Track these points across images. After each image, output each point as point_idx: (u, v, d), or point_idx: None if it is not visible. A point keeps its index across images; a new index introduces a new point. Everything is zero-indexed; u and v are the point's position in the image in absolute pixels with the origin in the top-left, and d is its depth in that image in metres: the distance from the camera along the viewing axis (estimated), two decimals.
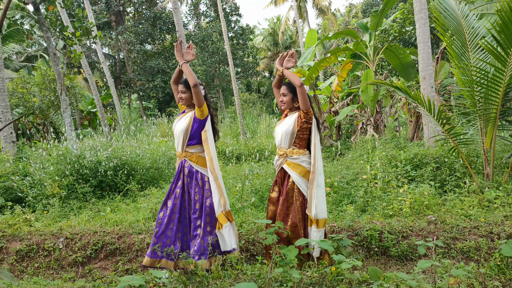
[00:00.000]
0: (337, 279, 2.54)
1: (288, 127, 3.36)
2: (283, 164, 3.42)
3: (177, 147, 3.50)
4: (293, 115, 3.44)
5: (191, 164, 3.44)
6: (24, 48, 22.82)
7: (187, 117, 3.45)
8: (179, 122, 3.49)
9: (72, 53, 8.66)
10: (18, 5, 13.20)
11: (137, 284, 2.21)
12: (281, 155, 3.43)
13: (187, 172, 3.45)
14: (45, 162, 6.45)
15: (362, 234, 3.91)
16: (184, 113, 3.57)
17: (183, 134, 3.41)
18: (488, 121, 4.93)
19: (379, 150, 6.26)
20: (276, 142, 3.52)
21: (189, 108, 3.55)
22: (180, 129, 3.43)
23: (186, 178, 3.45)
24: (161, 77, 22.78)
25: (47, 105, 12.91)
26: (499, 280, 2.76)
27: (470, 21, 5.25)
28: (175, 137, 3.52)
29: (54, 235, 4.15)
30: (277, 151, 3.50)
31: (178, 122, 3.52)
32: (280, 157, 3.45)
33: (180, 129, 3.42)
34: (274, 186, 3.57)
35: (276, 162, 3.50)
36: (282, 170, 3.45)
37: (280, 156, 3.44)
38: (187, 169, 3.45)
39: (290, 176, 3.37)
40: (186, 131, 3.40)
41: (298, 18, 24.63)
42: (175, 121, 3.56)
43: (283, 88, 3.49)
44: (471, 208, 4.39)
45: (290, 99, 3.45)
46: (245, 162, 8.59)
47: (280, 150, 3.44)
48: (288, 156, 3.39)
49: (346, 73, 10.59)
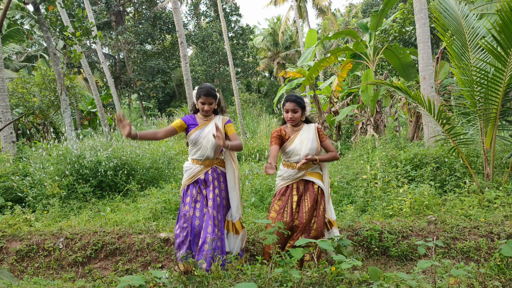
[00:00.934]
0: (337, 279, 2.54)
1: (312, 144, 3.39)
2: (305, 176, 3.44)
3: (206, 156, 3.40)
4: (308, 129, 3.46)
5: (221, 169, 3.48)
6: (24, 48, 22.82)
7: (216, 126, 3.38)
8: (209, 130, 3.38)
9: (72, 53, 8.66)
10: (18, 5, 13.20)
11: (137, 284, 2.21)
12: (303, 169, 3.43)
13: (215, 177, 3.45)
14: (45, 162, 6.45)
15: (362, 234, 3.91)
16: (207, 121, 3.46)
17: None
18: (488, 121, 4.93)
19: (379, 150, 6.26)
20: (295, 157, 3.41)
21: (210, 117, 3.50)
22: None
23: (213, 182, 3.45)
24: (161, 77, 22.79)
25: (47, 105, 12.91)
26: (499, 280, 2.76)
27: (470, 21, 5.25)
28: (203, 146, 3.37)
29: (54, 235, 4.15)
30: (293, 165, 3.43)
31: (205, 132, 3.38)
32: (300, 171, 3.43)
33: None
34: (280, 198, 3.46)
35: (296, 175, 3.43)
36: (302, 181, 3.46)
37: (302, 169, 3.43)
38: (215, 174, 3.45)
39: (314, 184, 3.44)
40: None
41: (298, 18, 24.62)
42: (200, 130, 3.40)
43: (291, 105, 3.39)
44: (471, 208, 4.39)
45: (299, 116, 3.43)
46: (245, 162, 8.59)
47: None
48: (309, 168, 3.45)
49: (346, 73, 10.59)
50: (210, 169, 3.42)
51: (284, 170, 3.48)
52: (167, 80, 23.44)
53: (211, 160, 3.42)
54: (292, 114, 3.40)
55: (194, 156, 3.44)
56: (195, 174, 3.42)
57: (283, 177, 3.48)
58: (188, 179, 3.44)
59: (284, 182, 3.47)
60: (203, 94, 3.35)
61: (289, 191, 3.46)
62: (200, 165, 3.41)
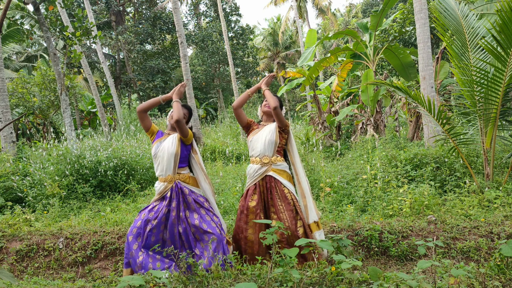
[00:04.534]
0: (337, 279, 2.53)
1: (271, 136, 3.46)
2: (269, 172, 3.46)
3: (166, 170, 3.38)
4: (270, 125, 3.54)
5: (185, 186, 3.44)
6: (24, 48, 22.81)
7: (173, 138, 3.40)
8: (167, 145, 3.39)
9: (72, 53, 8.66)
10: (18, 5, 13.21)
11: (137, 284, 2.20)
12: (266, 163, 3.47)
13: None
14: (45, 162, 6.45)
15: (362, 234, 3.91)
16: (163, 135, 3.48)
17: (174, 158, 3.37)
18: (488, 121, 4.93)
19: (379, 150, 6.26)
20: (255, 151, 3.51)
21: (172, 131, 3.52)
22: (170, 152, 3.36)
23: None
24: (161, 77, 22.78)
25: (47, 105, 12.92)
26: (499, 280, 2.76)
27: (470, 21, 5.25)
28: (160, 159, 3.38)
29: (54, 235, 4.15)
30: (256, 159, 3.50)
31: (164, 145, 3.40)
32: (264, 165, 3.47)
33: (170, 152, 3.36)
34: (252, 195, 3.46)
35: (259, 171, 3.47)
36: (266, 178, 3.47)
37: (265, 164, 3.47)
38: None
39: (280, 183, 3.45)
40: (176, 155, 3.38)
41: (298, 18, 24.62)
42: (157, 144, 3.42)
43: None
44: (471, 208, 4.39)
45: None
46: (245, 162, 8.59)
47: (264, 158, 3.48)
48: (273, 163, 3.47)
49: (346, 73, 10.59)
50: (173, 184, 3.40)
51: (250, 166, 3.55)
52: (167, 80, 23.42)
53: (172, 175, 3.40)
54: (265, 102, 3.62)
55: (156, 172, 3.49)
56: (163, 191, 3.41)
57: (249, 175, 3.55)
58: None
59: (251, 180, 3.51)
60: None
61: (257, 192, 3.46)
62: (163, 182, 3.41)
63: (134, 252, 3.22)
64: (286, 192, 3.45)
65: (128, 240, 3.27)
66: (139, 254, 3.21)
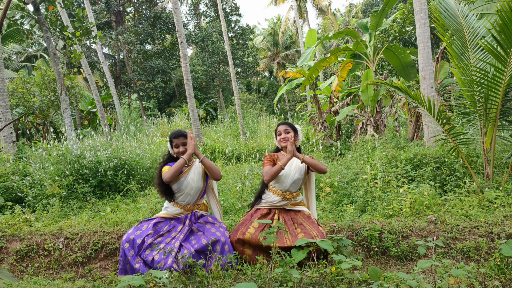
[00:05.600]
0: (337, 279, 2.53)
1: (300, 175, 3.45)
2: (287, 206, 3.49)
3: (188, 201, 3.49)
4: (297, 161, 3.48)
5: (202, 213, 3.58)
6: (24, 48, 22.83)
7: (198, 172, 3.48)
8: (191, 179, 3.44)
9: (72, 53, 8.66)
10: (18, 5, 13.21)
11: (137, 284, 2.21)
12: (288, 198, 3.47)
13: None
14: (45, 162, 6.45)
15: (362, 234, 3.91)
16: (188, 167, 3.48)
17: (199, 191, 3.51)
18: (488, 121, 4.93)
19: (379, 150, 6.26)
20: (282, 186, 3.46)
21: (191, 163, 3.52)
22: (196, 186, 3.45)
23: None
24: (161, 77, 22.78)
25: (47, 105, 12.92)
26: (499, 280, 2.76)
27: (470, 21, 5.25)
28: (185, 193, 3.45)
29: (54, 235, 4.15)
30: (278, 191, 3.47)
31: (189, 180, 3.43)
32: (285, 199, 3.47)
33: (196, 186, 3.45)
34: (250, 222, 3.35)
35: (279, 203, 3.46)
36: (284, 211, 3.48)
37: (286, 198, 3.47)
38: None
39: (298, 210, 3.51)
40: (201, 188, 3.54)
41: (298, 18, 24.62)
42: (183, 178, 3.42)
43: (284, 127, 3.53)
44: (471, 208, 4.39)
45: (292, 136, 3.49)
46: (245, 162, 8.59)
47: (287, 194, 3.47)
48: (293, 199, 3.51)
49: (346, 73, 10.59)
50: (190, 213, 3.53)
51: (269, 195, 3.51)
52: (167, 80, 23.43)
53: (192, 205, 3.52)
54: (285, 135, 3.50)
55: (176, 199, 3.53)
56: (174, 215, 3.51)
57: (267, 201, 3.52)
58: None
59: (267, 205, 3.50)
60: (173, 137, 3.46)
61: (271, 215, 3.46)
62: (180, 208, 3.50)
63: (131, 258, 3.24)
64: (302, 212, 3.52)
65: (123, 246, 3.28)
66: (135, 261, 3.23)
